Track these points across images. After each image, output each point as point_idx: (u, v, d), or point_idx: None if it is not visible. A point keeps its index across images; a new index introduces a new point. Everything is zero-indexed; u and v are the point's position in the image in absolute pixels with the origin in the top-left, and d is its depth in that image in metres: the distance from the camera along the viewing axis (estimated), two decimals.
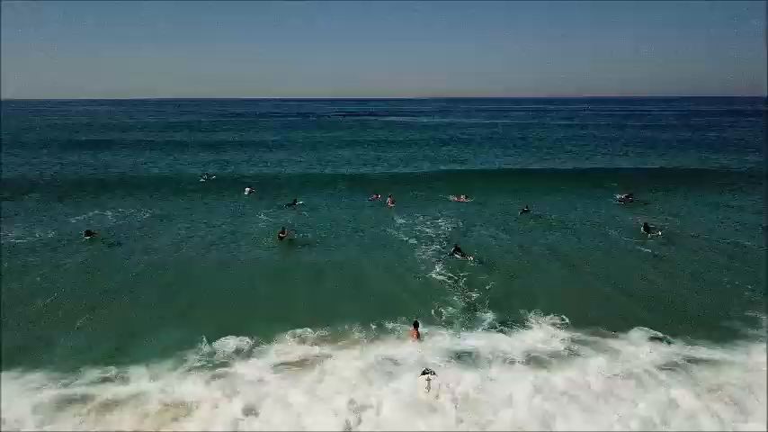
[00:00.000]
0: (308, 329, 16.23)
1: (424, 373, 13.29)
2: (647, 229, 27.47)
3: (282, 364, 14.32)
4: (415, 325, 16.19)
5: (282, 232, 26.68)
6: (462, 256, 23.14)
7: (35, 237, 26.70)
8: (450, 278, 21.01)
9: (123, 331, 16.35)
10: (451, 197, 37.24)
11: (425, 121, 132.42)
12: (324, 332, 16.17)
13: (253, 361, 14.52)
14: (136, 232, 28.02)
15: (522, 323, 16.95)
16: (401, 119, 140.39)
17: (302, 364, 14.31)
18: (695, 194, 38.34)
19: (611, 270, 22.27)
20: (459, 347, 15.28)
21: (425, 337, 15.86)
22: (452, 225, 29.78)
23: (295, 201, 35.73)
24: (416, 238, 27.06)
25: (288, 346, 15.29)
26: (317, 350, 15.05)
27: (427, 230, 28.56)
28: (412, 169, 51.06)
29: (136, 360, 14.45)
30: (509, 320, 17.12)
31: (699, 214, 32.50)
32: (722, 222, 30.31)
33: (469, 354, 14.91)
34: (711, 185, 41.45)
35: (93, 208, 33.42)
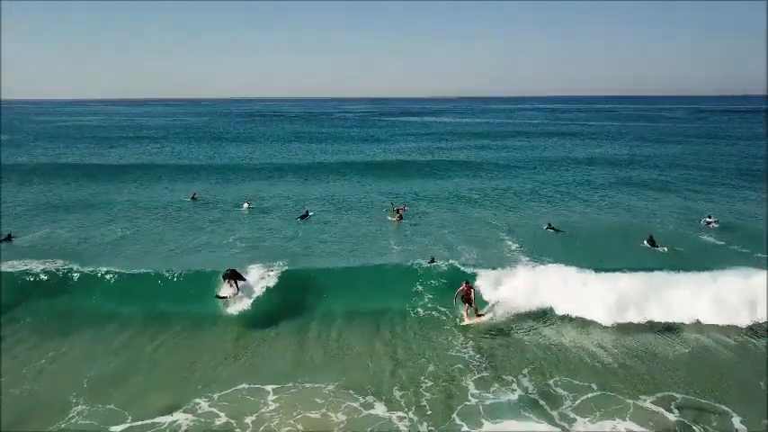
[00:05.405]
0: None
1: None
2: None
3: None
4: (467, 282, 17.87)
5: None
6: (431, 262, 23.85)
7: None
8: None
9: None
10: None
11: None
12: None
13: None
14: (103, 254, 24.13)
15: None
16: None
17: None
18: None
19: None
20: None
21: None
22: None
23: (307, 212, 33.92)
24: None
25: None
26: None
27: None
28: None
29: None
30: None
31: None
32: None
33: None
34: None
35: (43, 226, 28.45)
